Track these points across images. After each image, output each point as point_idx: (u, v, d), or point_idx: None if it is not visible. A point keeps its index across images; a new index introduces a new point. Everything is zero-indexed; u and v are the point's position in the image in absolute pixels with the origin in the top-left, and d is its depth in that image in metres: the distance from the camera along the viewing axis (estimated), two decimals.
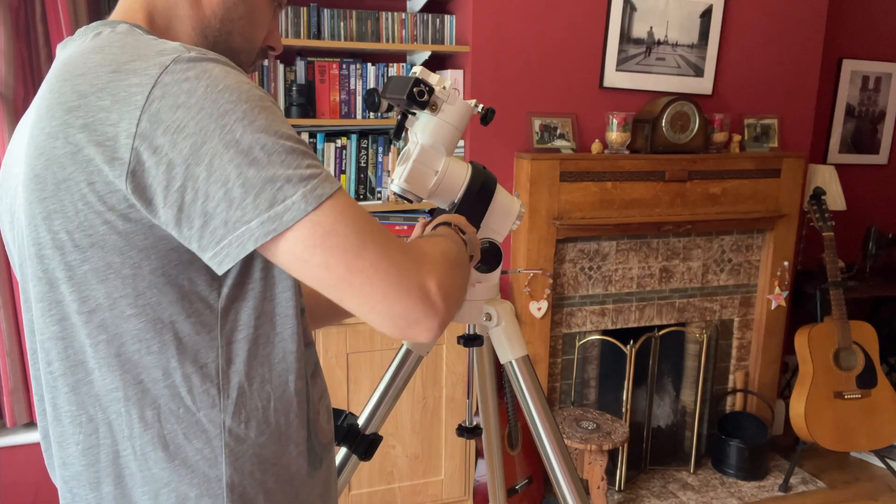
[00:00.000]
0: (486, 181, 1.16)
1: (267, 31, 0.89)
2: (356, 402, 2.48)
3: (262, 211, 0.65)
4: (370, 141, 2.65)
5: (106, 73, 0.67)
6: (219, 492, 0.74)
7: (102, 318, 0.70)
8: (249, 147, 0.65)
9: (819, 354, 2.94)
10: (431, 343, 1.29)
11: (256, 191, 0.65)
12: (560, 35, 2.73)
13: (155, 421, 0.72)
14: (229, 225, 0.65)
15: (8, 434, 2.37)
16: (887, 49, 3.60)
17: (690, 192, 2.88)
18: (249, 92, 0.68)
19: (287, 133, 0.68)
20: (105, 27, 0.76)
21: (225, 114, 0.65)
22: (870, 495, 2.94)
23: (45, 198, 0.69)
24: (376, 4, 2.70)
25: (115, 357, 0.71)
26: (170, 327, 0.71)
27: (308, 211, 0.66)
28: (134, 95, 0.65)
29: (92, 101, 0.66)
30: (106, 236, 0.68)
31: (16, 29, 2.21)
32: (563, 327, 2.85)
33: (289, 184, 0.65)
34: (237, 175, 0.64)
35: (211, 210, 0.65)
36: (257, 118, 0.66)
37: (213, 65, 0.68)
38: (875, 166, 3.73)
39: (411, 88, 1.08)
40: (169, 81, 0.65)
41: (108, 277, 0.69)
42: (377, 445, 1.21)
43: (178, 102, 0.65)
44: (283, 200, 0.65)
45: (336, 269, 0.67)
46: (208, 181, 0.64)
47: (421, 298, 0.69)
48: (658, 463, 3.09)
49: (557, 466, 1.20)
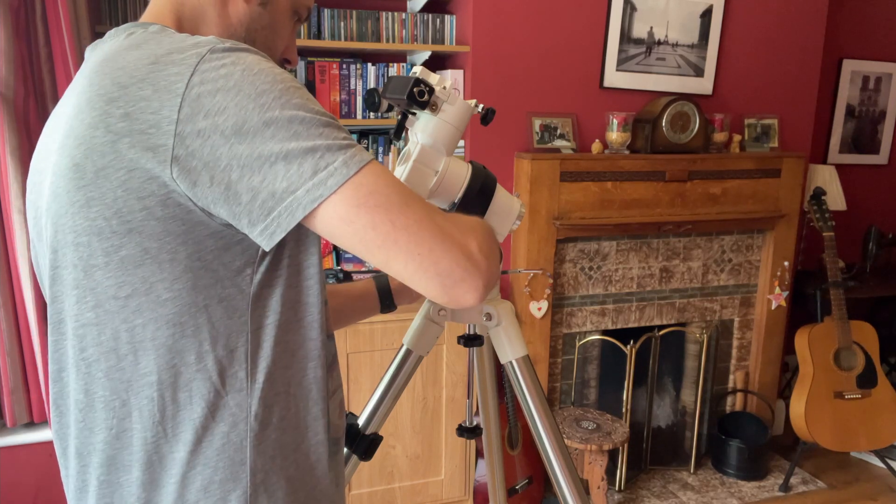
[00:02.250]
0: (486, 181, 1.16)
1: (285, 45, 0.91)
2: (356, 402, 2.48)
3: (307, 179, 0.68)
4: (370, 141, 2.65)
5: (145, 64, 0.70)
6: (242, 475, 0.76)
7: (139, 302, 0.72)
8: (289, 121, 0.68)
9: (819, 354, 2.94)
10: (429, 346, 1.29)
11: (299, 161, 0.68)
12: (560, 35, 2.73)
13: (187, 403, 0.74)
14: (276, 196, 0.68)
15: (8, 434, 2.37)
16: (887, 49, 3.60)
17: (691, 192, 2.88)
18: (283, 75, 0.71)
19: (321, 110, 0.72)
20: (137, 28, 0.79)
21: (262, 94, 0.68)
22: (870, 495, 2.94)
23: (84, 185, 0.71)
24: (376, 4, 2.70)
25: (150, 341, 0.73)
26: (204, 311, 0.73)
27: (350, 175, 0.68)
28: (174, 84, 0.68)
29: (133, 92, 0.69)
30: (144, 222, 0.70)
31: (16, 29, 2.21)
32: (563, 327, 2.85)
33: (329, 152, 0.69)
34: (280, 149, 0.67)
35: (257, 184, 0.68)
36: (293, 97, 0.70)
37: (247, 54, 0.71)
38: (875, 166, 3.73)
39: (411, 88, 1.08)
40: (207, 69, 0.68)
41: (145, 262, 0.71)
42: (377, 445, 1.21)
43: (217, 87, 0.68)
44: (326, 167, 0.68)
45: (382, 227, 0.69)
46: (252, 157, 0.67)
47: (465, 255, 0.71)
48: (658, 463, 3.09)
49: (557, 466, 1.20)
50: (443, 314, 1.26)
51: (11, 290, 2.32)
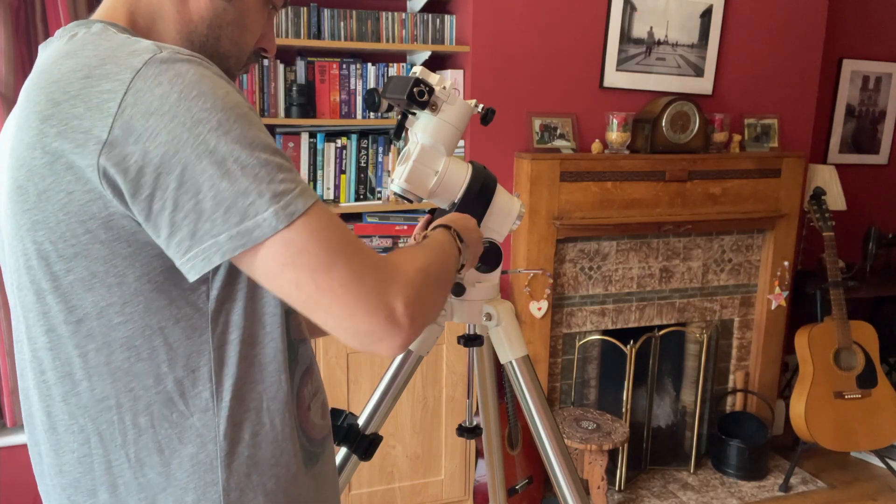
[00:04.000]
0: (486, 181, 1.16)
1: (260, 34, 0.87)
2: (356, 402, 2.48)
3: (233, 225, 0.64)
4: (370, 141, 2.65)
5: (78, 79, 0.66)
6: (215, 496, 0.74)
7: (90, 327, 0.70)
8: (223, 158, 0.64)
9: (819, 354, 2.94)
10: (429, 346, 1.29)
11: (227, 204, 0.64)
12: (560, 35, 2.73)
13: (149, 427, 0.72)
14: (196, 237, 0.65)
15: (8, 434, 2.38)
16: (887, 49, 3.60)
17: (690, 192, 2.88)
18: (225, 99, 0.66)
19: (263, 143, 0.67)
20: (80, 28, 0.75)
21: (198, 123, 0.64)
22: (870, 495, 2.94)
23: (28, 209, 0.69)
24: (376, 4, 2.70)
25: (104, 366, 0.71)
26: (159, 333, 0.71)
27: (279, 229, 0.65)
28: (106, 102, 0.64)
29: (65, 109, 0.66)
30: (89, 245, 0.67)
31: (16, 29, 2.21)
32: (563, 327, 2.85)
33: (261, 199, 0.64)
34: (209, 187, 0.64)
35: (179, 221, 0.64)
36: (232, 128, 0.65)
37: (188, 67, 0.66)
38: (875, 166, 3.73)
39: (411, 88, 1.08)
40: (141, 87, 0.64)
41: (94, 286, 0.69)
42: (377, 445, 1.21)
43: (150, 109, 0.63)
44: (255, 216, 0.64)
45: (305, 287, 0.66)
46: (178, 191, 0.64)
47: (386, 318, 0.68)
48: (658, 463, 3.09)
49: (557, 466, 1.20)
50: (443, 314, 1.26)
51: None
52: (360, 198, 2.67)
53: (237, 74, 0.88)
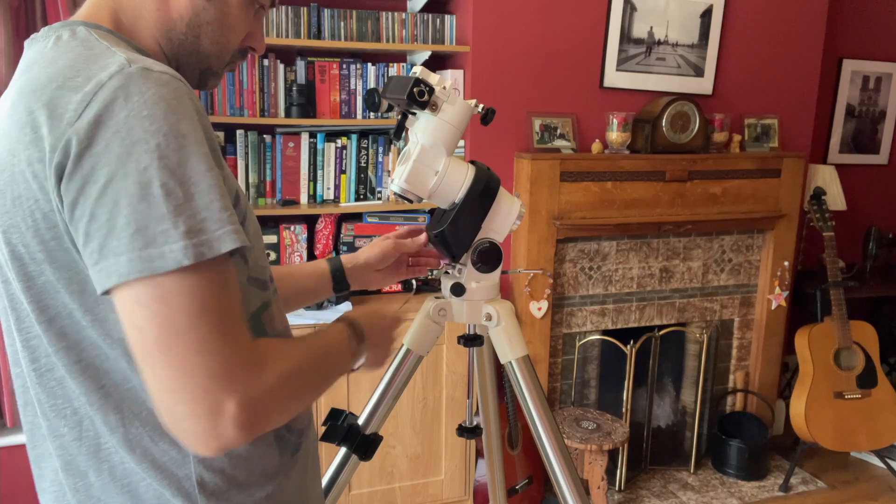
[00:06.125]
0: (489, 182, 1.16)
1: (246, 33, 0.87)
2: (356, 402, 2.48)
3: (136, 248, 0.63)
4: (370, 141, 2.65)
5: (52, 89, 0.68)
6: (191, 489, 0.76)
7: (61, 326, 0.72)
8: (149, 181, 0.63)
9: (819, 354, 2.94)
10: (429, 346, 1.29)
11: (138, 226, 0.63)
12: (560, 35, 2.73)
13: (119, 425, 0.74)
14: (103, 251, 0.64)
15: (8, 434, 2.37)
16: (887, 49, 3.60)
17: (691, 192, 2.88)
18: (175, 125, 0.66)
19: (199, 175, 0.66)
20: (65, 30, 0.76)
21: (137, 142, 0.64)
22: (870, 495, 2.94)
23: (6, 212, 0.71)
24: (376, 4, 2.70)
25: (76, 364, 0.73)
26: (122, 340, 0.70)
27: (182, 264, 0.63)
28: (68, 112, 0.66)
29: (37, 118, 0.67)
30: (55, 252, 0.69)
31: (16, 29, 2.21)
32: (563, 327, 2.85)
33: (175, 230, 0.63)
34: (126, 204, 0.63)
35: (92, 232, 0.65)
36: (170, 155, 0.64)
37: (149, 86, 0.66)
38: (875, 166, 3.73)
39: (411, 88, 1.08)
40: (101, 99, 0.65)
41: (60, 291, 0.71)
42: (377, 445, 1.21)
43: (99, 121, 0.64)
44: (161, 245, 0.63)
45: (143, 337, 0.64)
46: (97, 202, 0.64)
47: (211, 417, 0.63)
48: (658, 463, 3.09)
49: (557, 466, 1.20)
50: (443, 314, 1.26)
51: None
52: (360, 198, 2.67)
53: (222, 72, 0.88)
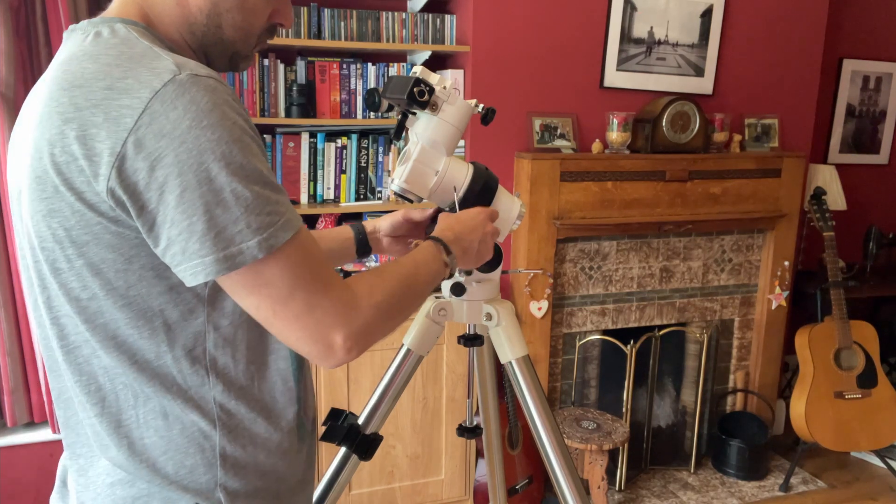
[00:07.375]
0: (487, 182, 1.16)
1: (271, 10, 0.88)
2: (356, 402, 2.48)
3: (220, 249, 0.71)
4: (370, 141, 2.65)
5: (101, 88, 0.71)
6: (213, 460, 0.82)
7: (99, 304, 0.77)
8: (221, 188, 0.70)
9: (819, 354, 2.94)
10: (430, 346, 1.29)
11: (218, 230, 0.71)
12: (560, 35, 2.73)
13: (154, 395, 0.80)
14: (187, 254, 0.71)
15: (8, 434, 2.38)
16: (887, 49, 3.60)
17: (691, 192, 2.88)
18: (231, 130, 0.72)
19: (258, 175, 0.73)
20: (104, 27, 0.79)
21: (204, 151, 0.70)
22: (870, 495, 2.94)
23: (46, 198, 0.75)
24: (376, 4, 2.70)
25: (111, 339, 0.78)
26: (159, 315, 0.78)
27: (256, 258, 0.72)
28: (124, 117, 0.70)
29: (86, 116, 0.71)
30: (101, 235, 0.74)
31: (16, 29, 2.21)
32: (563, 327, 2.85)
33: (248, 229, 0.72)
34: (204, 211, 0.70)
35: (174, 237, 0.71)
36: (233, 160, 0.71)
37: (202, 94, 0.71)
38: (875, 166, 3.73)
39: (412, 88, 1.08)
40: (158, 109, 0.69)
41: (102, 270, 0.76)
42: (377, 445, 1.21)
43: (163, 132, 0.69)
44: (240, 243, 0.72)
45: (263, 313, 0.75)
46: (176, 209, 0.70)
47: (325, 348, 0.77)
48: (658, 463, 3.09)
49: (557, 466, 1.20)
50: (443, 314, 1.26)
51: (11, 290, 2.32)
52: (360, 197, 2.67)
53: (251, 54, 0.91)
